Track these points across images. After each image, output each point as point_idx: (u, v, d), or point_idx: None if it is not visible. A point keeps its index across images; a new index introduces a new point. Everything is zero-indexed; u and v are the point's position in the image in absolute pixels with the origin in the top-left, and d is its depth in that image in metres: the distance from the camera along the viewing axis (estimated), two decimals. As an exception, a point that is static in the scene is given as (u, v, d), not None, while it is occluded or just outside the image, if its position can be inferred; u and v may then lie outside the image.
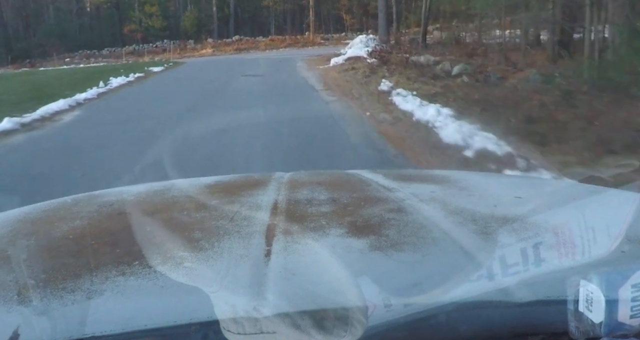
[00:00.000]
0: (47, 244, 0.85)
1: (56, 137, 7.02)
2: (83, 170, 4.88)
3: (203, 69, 17.94)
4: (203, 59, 25.19)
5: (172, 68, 19.14)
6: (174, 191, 1.18)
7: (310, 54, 21.91)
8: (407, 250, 0.75)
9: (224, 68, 17.06)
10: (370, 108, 7.82)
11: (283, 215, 0.93)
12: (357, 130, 6.34)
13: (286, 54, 24.68)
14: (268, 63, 18.30)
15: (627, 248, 0.71)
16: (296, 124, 6.65)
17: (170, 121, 7.40)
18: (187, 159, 4.88)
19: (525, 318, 0.61)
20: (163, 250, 0.77)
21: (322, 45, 29.23)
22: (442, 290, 0.63)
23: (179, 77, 15.26)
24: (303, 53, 23.13)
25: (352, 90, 9.83)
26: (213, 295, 0.62)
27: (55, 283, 0.67)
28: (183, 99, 9.97)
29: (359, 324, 0.55)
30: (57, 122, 8.11)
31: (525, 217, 0.86)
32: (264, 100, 9.33)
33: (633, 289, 0.55)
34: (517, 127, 5.76)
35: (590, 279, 0.56)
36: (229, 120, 7.16)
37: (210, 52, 29.51)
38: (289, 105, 8.78)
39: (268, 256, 0.73)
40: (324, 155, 5.26)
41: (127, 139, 6.42)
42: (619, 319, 0.54)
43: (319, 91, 10.23)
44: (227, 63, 19.90)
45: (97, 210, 1.04)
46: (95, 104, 10.22)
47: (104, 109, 9.51)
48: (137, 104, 9.77)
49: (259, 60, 19.87)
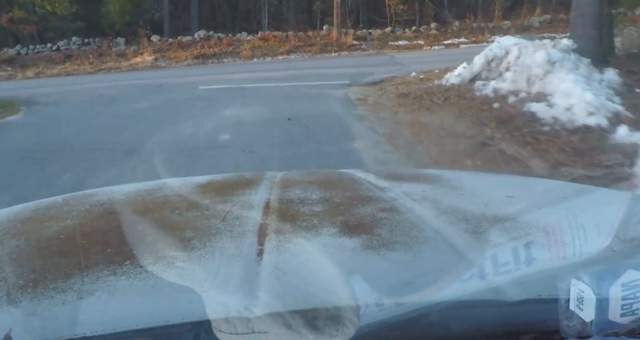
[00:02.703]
0: (37, 244, 0.85)
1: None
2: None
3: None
4: (112, 82, 11.36)
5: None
6: (165, 190, 1.18)
7: (362, 77, 9.56)
8: (399, 249, 0.75)
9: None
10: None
11: (275, 214, 0.93)
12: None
13: (296, 74, 11.10)
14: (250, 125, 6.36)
15: (617, 247, 0.72)
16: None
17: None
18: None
19: (516, 317, 0.61)
20: (154, 250, 0.76)
21: (357, 51, 16.76)
22: (434, 289, 0.63)
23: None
24: (339, 74, 10.23)
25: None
26: (205, 295, 0.62)
27: (45, 283, 0.67)
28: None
29: (351, 323, 0.55)
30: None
31: (516, 216, 0.86)
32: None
33: (623, 288, 0.55)
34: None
35: (581, 278, 0.56)
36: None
37: (149, 61, 16.33)
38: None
39: (260, 255, 0.73)
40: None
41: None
42: (609, 317, 0.55)
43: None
44: (128, 115, 7.40)
45: (88, 209, 1.03)
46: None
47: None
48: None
49: (222, 104, 7.69)
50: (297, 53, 17.09)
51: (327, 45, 17.54)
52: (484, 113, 5.55)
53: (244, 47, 17.84)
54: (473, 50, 8.98)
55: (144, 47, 17.95)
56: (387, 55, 15.03)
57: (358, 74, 10.17)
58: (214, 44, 18.35)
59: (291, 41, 18.18)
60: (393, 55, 14.78)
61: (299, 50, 17.34)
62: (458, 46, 16.53)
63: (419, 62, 11.61)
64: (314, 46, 17.50)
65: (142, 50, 17.76)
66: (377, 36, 18.92)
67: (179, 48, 18.16)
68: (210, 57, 17.10)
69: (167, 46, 18.52)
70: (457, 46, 16.61)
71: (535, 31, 16.98)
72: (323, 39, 18.34)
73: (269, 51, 17.47)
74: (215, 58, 17.02)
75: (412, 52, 16.13)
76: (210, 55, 17.18)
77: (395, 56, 14.45)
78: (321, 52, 16.90)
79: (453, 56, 10.97)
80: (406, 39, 18.32)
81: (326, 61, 14.71)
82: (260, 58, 16.75)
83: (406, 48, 16.93)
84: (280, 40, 18.48)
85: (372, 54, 15.98)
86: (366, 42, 18.30)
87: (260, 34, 19.15)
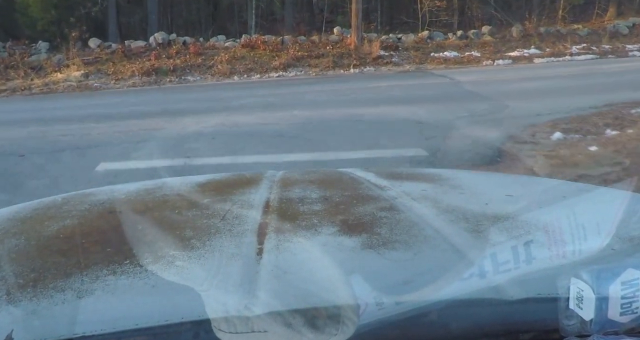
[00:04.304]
0: (37, 243, 0.85)
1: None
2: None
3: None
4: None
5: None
6: (165, 190, 1.18)
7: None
8: (399, 248, 0.75)
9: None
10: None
11: (275, 213, 0.93)
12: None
13: (312, 119, 6.06)
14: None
15: (617, 246, 0.72)
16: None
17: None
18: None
19: (516, 315, 0.61)
20: (154, 249, 0.76)
21: (386, 65, 11.99)
22: (433, 288, 0.63)
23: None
24: (391, 124, 5.71)
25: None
26: (204, 294, 0.62)
27: (45, 282, 0.67)
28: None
29: (351, 322, 0.55)
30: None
31: (516, 215, 0.86)
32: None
33: (623, 287, 0.55)
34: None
35: (581, 277, 0.56)
36: None
37: (76, 78, 11.32)
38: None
39: (260, 255, 0.73)
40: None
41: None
42: (609, 316, 0.55)
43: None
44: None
45: (87, 208, 1.03)
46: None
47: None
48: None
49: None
50: (299, 68, 11.93)
51: (342, 57, 12.38)
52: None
53: (220, 57, 12.21)
54: (564, 69, 6.86)
55: (71, 58, 12.09)
56: (437, 75, 10.23)
57: (427, 123, 5.67)
58: (176, 53, 12.68)
59: (289, 50, 12.73)
60: (448, 75, 10.00)
61: (301, 64, 12.12)
62: (531, 60, 12.21)
63: (509, 93, 7.42)
64: (324, 58, 12.22)
65: (69, 61, 12.08)
66: (411, 44, 13.67)
67: (124, 58, 12.49)
68: (168, 73, 11.60)
69: (108, 55, 12.74)
70: (529, 60, 12.23)
71: (625, 40, 13.64)
72: (335, 47, 13.06)
73: (257, 64, 12.06)
74: (175, 74, 11.61)
75: (469, 68, 11.45)
76: (168, 71, 11.65)
77: (454, 77, 9.68)
78: (334, 67, 11.82)
79: (548, 80, 7.85)
80: (453, 49, 13.26)
81: (349, 85, 9.28)
82: (244, 75, 11.52)
83: (457, 62, 12.18)
84: (273, 47, 12.90)
85: (412, 72, 11.12)
86: (398, 52, 13.01)
87: (245, 39, 13.37)
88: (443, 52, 12.97)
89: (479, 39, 14.28)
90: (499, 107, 6.53)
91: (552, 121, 5.50)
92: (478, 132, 5.12)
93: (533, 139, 4.99)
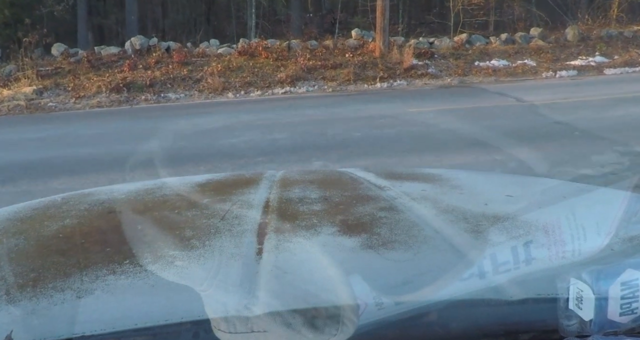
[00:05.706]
0: (37, 243, 0.85)
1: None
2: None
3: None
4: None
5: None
6: (164, 190, 1.18)
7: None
8: (399, 248, 0.75)
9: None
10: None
11: (275, 213, 0.93)
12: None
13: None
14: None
15: (616, 246, 0.72)
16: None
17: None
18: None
19: (515, 316, 0.61)
20: (154, 249, 0.76)
21: (421, 77, 9.64)
22: (433, 289, 0.63)
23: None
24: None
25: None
26: (204, 294, 0.62)
27: (44, 282, 0.67)
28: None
29: (350, 323, 0.55)
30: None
31: (516, 215, 0.86)
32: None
33: (623, 287, 0.55)
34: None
35: (580, 277, 0.56)
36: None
37: (26, 96, 8.77)
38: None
39: (259, 254, 0.73)
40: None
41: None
42: (608, 316, 0.55)
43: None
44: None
45: (87, 208, 1.03)
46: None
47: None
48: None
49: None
50: (310, 81, 9.56)
51: (364, 67, 9.96)
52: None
53: (211, 68, 9.87)
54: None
55: (28, 68, 9.73)
56: (493, 92, 7.89)
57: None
58: (156, 62, 10.25)
59: (298, 58, 10.26)
60: (508, 93, 7.64)
61: (313, 76, 9.73)
62: (601, 71, 10.10)
63: (620, 126, 4.94)
64: (342, 68, 9.85)
65: (20, 73, 9.70)
66: (447, 50, 11.18)
67: (90, 69, 10.04)
68: (143, 88, 9.22)
69: (72, 65, 10.30)
70: (598, 71, 10.12)
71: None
72: (355, 55, 10.54)
73: (257, 77, 9.74)
74: (153, 90, 9.22)
75: (528, 82, 9.07)
76: (143, 86, 9.26)
77: (518, 96, 7.35)
78: (356, 81, 9.44)
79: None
80: (500, 56, 10.88)
81: (380, 106, 6.96)
82: (240, 91, 9.25)
83: (510, 74, 9.95)
84: (278, 55, 10.57)
85: (456, 87, 8.83)
86: (434, 60, 10.53)
87: (243, 44, 11.03)
88: (490, 61, 10.62)
89: (527, 43, 11.83)
90: (630, 154, 3.77)
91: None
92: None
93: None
